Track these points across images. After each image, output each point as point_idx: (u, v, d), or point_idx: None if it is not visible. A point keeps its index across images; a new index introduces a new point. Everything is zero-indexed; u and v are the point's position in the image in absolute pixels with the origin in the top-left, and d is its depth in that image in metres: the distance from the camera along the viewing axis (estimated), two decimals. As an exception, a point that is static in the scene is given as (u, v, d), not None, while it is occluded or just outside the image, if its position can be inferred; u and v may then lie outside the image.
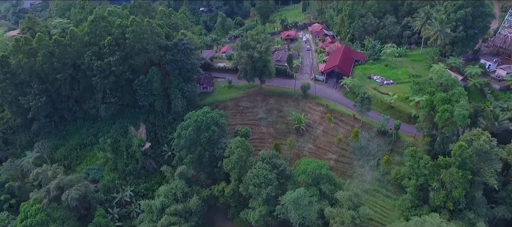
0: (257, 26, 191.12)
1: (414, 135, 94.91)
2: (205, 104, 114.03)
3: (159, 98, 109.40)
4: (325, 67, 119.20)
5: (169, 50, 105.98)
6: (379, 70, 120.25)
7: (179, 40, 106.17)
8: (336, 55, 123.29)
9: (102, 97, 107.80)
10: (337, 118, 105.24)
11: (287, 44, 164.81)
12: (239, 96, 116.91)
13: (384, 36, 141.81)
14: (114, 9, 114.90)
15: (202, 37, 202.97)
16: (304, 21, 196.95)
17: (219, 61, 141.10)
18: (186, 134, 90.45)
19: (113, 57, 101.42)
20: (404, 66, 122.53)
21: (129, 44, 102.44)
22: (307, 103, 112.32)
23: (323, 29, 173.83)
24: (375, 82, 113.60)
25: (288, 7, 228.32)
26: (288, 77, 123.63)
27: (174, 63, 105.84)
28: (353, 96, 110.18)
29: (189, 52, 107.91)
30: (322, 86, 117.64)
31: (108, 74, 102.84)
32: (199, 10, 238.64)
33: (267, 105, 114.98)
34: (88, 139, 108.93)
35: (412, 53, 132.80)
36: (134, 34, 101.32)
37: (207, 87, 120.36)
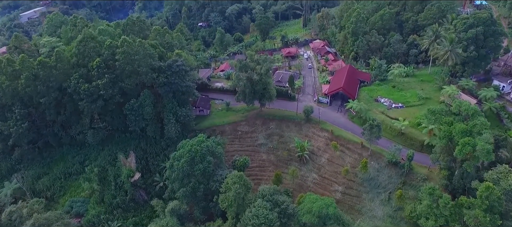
0: (256, 43, 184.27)
1: (428, 166, 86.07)
2: (201, 129, 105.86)
3: (152, 123, 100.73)
4: (329, 89, 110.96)
5: (162, 72, 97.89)
6: (386, 92, 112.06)
7: (173, 62, 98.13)
8: (340, 76, 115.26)
9: (90, 122, 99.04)
10: (344, 145, 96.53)
11: (288, 61, 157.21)
12: (237, 120, 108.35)
13: (390, 54, 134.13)
14: (105, 28, 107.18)
15: (200, 53, 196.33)
16: (305, 37, 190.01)
17: (217, 81, 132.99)
18: (179, 165, 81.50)
19: (101, 80, 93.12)
20: (412, 87, 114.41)
21: (119, 66, 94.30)
22: (310, 129, 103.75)
23: (325, 46, 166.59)
24: (382, 105, 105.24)
25: (288, 22, 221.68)
26: (290, 99, 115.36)
27: (168, 86, 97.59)
28: (359, 121, 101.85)
29: (184, 74, 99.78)
30: (326, 109, 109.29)
31: (96, 98, 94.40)
32: (197, 25, 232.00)
33: (268, 130, 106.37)
34: (74, 167, 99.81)
35: (420, 73, 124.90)
36: (125, 56, 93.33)
37: (203, 110, 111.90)
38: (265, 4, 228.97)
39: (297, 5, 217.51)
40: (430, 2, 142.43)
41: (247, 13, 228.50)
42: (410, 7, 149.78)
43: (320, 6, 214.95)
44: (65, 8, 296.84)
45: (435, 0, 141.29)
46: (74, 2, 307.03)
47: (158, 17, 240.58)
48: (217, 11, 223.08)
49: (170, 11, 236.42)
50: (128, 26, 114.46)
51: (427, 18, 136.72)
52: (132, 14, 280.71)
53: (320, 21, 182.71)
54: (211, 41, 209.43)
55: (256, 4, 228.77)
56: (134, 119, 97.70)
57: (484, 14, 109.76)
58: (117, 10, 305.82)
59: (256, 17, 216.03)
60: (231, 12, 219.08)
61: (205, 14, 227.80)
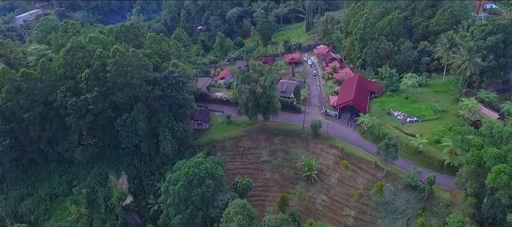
0: (258, 48, 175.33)
1: (451, 190, 77.29)
2: (200, 145, 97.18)
3: (146, 139, 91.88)
4: (338, 101, 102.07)
5: (157, 84, 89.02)
6: (399, 104, 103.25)
7: (170, 73, 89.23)
8: (349, 87, 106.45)
9: (79, 139, 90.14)
10: (355, 164, 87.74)
11: (291, 68, 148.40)
12: (239, 135, 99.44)
13: (400, 62, 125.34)
14: (96, 36, 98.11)
15: (199, 58, 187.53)
16: (308, 42, 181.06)
17: (217, 90, 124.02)
18: (175, 190, 72.74)
19: (91, 94, 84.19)
20: (426, 98, 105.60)
21: (110, 78, 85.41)
22: (318, 145, 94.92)
23: (330, 52, 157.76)
24: (396, 119, 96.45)
25: (291, 26, 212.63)
26: (295, 111, 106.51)
27: (163, 100, 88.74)
28: (371, 136, 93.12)
29: (181, 86, 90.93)
30: (334, 123, 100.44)
31: (85, 113, 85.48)
32: (196, 28, 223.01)
33: (272, 146, 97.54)
34: (61, 187, 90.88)
35: (433, 82, 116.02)
36: (117, 67, 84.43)
37: (202, 123, 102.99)
38: (266, 7, 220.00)
39: (300, 8, 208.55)
40: (442, 7, 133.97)
41: (248, 16, 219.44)
42: (420, 12, 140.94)
43: (323, 10, 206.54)
44: (61, 10, 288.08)
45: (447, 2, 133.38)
46: (71, 4, 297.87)
47: (156, 21, 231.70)
48: (217, 14, 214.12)
49: (169, 14, 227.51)
50: (122, 33, 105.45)
51: (439, 23, 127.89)
52: (129, 16, 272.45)
53: (324, 25, 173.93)
54: (210, 46, 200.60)
55: (257, 7, 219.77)
56: (127, 135, 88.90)
57: (504, 21, 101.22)
58: (115, 12, 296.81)
59: (257, 20, 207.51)
60: (231, 16, 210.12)
61: (204, 17, 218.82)
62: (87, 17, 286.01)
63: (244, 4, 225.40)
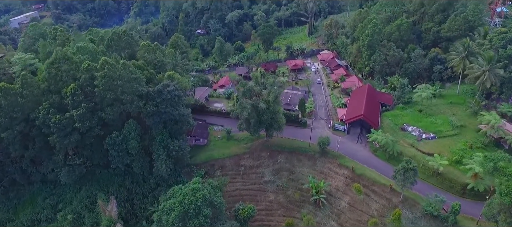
0: (259, 53, 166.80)
1: (477, 220, 68.89)
2: (198, 164, 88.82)
3: (138, 158, 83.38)
4: (347, 115, 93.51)
5: (151, 99, 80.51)
6: (412, 118, 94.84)
7: (164, 86, 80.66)
8: (358, 99, 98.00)
9: (64, 158, 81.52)
10: (368, 187, 79.28)
11: (294, 76, 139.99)
12: (240, 153, 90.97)
13: (411, 71, 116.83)
14: (85, 45, 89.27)
15: (198, 63, 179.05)
16: (312, 47, 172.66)
17: (216, 101, 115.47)
18: (169, 221, 64.25)
19: (77, 110, 75.57)
20: (441, 111, 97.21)
21: (99, 93, 76.86)
22: (326, 164, 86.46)
23: (335, 58, 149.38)
24: (411, 136, 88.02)
25: (292, 30, 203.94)
26: (300, 125, 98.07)
27: (157, 116, 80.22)
28: (384, 155, 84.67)
29: (177, 101, 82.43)
30: (343, 139, 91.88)
31: (70, 132, 76.91)
32: (195, 32, 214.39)
33: (275, 164, 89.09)
34: (44, 212, 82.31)
35: (447, 92, 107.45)
36: (106, 81, 75.83)
37: (200, 139, 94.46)
38: (267, 10, 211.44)
39: (302, 11, 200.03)
40: (454, 12, 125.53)
41: (248, 19, 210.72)
42: (430, 17, 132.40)
43: (326, 13, 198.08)
44: (57, 13, 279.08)
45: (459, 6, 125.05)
46: (67, 7, 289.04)
47: (154, 24, 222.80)
48: (217, 17, 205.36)
49: (167, 17, 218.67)
50: (113, 41, 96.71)
51: (451, 29, 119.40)
52: (127, 19, 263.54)
53: (328, 29, 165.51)
54: (210, 50, 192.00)
55: (258, 10, 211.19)
56: (117, 155, 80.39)
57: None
58: (112, 14, 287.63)
59: (258, 23, 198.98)
60: (231, 19, 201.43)
61: (203, 20, 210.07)
62: (84, 20, 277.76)
63: (244, 6, 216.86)
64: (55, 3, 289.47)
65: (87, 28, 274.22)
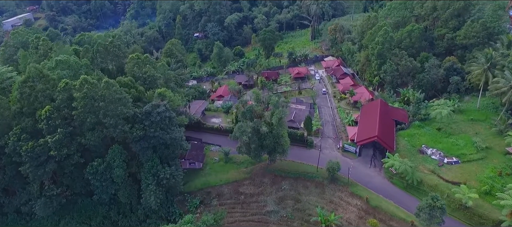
0: (260, 59, 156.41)
1: (515, 268, 58.79)
2: (192, 191, 78.57)
3: (125, 186, 73.29)
4: (359, 136, 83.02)
5: (138, 121, 70.21)
6: (431, 138, 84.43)
7: (153, 107, 70.25)
8: (370, 116, 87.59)
9: (40, 188, 71.20)
10: (385, 222, 68.95)
11: (297, 85, 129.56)
12: (239, 178, 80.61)
13: (425, 82, 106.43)
14: (64, 58, 78.37)
15: (195, 70, 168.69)
16: (315, 52, 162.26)
17: (214, 115, 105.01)
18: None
19: (53, 136, 65.27)
20: (462, 129, 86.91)
21: (77, 116, 66.52)
22: (336, 192, 76.17)
23: (340, 65, 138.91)
24: (431, 160, 77.62)
25: (294, 33, 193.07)
26: (306, 146, 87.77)
27: (145, 141, 69.90)
28: (402, 182, 74.38)
29: (169, 123, 72.12)
30: (354, 162, 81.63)
31: (45, 161, 66.66)
32: (193, 35, 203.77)
33: (279, 191, 78.82)
34: (18, 251, 72.34)
35: (466, 107, 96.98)
36: (85, 102, 65.49)
37: (195, 162, 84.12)
38: (268, 12, 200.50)
39: (304, 14, 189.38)
40: (471, 17, 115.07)
41: (249, 22, 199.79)
42: (443, 22, 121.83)
43: (330, 16, 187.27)
44: (51, 14, 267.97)
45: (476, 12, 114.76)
46: (62, 8, 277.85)
47: (150, 27, 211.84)
48: (215, 20, 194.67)
49: (163, 20, 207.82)
50: (99, 53, 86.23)
51: (468, 36, 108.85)
52: (123, 21, 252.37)
53: (332, 34, 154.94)
54: (208, 54, 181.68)
55: (258, 12, 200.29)
56: (100, 185, 70.27)
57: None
58: (108, 16, 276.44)
59: (258, 26, 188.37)
60: (230, 22, 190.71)
61: (201, 23, 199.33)
62: (79, 22, 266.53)
63: (244, 9, 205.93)
64: (50, 5, 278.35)
65: (83, 30, 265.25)
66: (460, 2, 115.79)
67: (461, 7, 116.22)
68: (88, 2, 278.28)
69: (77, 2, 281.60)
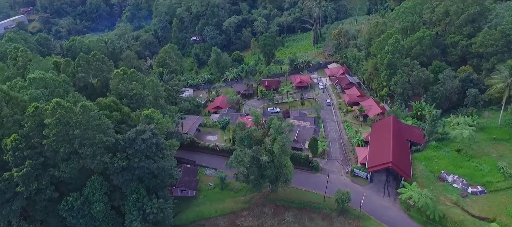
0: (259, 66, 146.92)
1: None
2: (183, 224, 68.97)
3: (107, 220, 63.79)
4: (370, 161, 73.31)
5: (120, 150, 60.70)
6: (450, 161, 74.89)
7: (138, 134, 60.62)
8: (382, 137, 77.90)
9: (8, 226, 61.80)
10: (403, 266, 59.72)
11: (300, 95, 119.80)
12: (236, 209, 70.99)
13: (440, 95, 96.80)
14: (40, 76, 68.34)
15: (192, 76, 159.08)
16: (318, 58, 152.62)
17: (209, 132, 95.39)
18: None
19: (19, 170, 55.73)
20: (484, 151, 77.39)
21: (48, 146, 56.97)
22: (346, 226, 66.81)
23: (345, 74, 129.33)
24: (452, 189, 68.18)
25: (296, 37, 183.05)
26: (311, 169, 78.28)
27: (129, 173, 60.39)
28: (420, 215, 64.81)
29: (156, 150, 62.60)
30: (365, 189, 72.17)
31: (11, 198, 57.21)
32: (190, 39, 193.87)
33: (281, 224, 69.19)
34: None
35: (487, 123, 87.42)
36: (58, 130, 55.94)
37: (187, 190, 74.61)
38: (268, 15, 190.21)
39: (306, 17, 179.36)
40: (488, 23, 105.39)
41: (248, 25, 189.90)
42: (457, 28, 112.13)
43: (333, 18, 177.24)
44: (45, 17, 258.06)
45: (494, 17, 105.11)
46: (56, 10, 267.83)
47: (145, 30, 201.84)
48: (213, 23, 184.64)
49: (159, 23, 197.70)
50: (80, 67, 76.53)
51: (485, 45, 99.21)
52: (118, 23, 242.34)
53: (336, 39, 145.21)
54: (206, 59, 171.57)
55: (258, 15, 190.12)
56: (77, 222, 60.77)
57: None
58: (104, 18, 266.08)
59: (257, 29, 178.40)
60: (229, 26, 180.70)
61: (199, 27, 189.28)
62: (74, 25, 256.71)
63: (243, 11, 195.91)
64: (44, 6, 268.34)
65: (77, 33, 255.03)
66: (475, 7, 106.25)
67: (477, 12, 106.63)
68: (83, 4, 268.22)
69: (72, 4, 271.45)
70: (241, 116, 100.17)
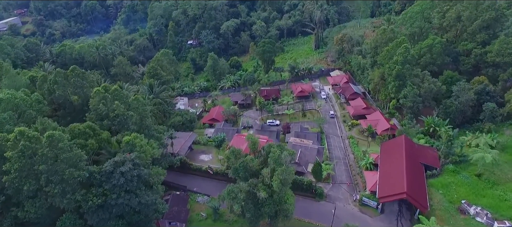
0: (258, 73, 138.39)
1: None
2: (171, 264, 60.07)
3: (84, 263, 55.34)
4: (381, 189, 64.52)
5: (96, 184, 52.12)
6: (471, 189, 66.08)
7: (116, 166, 52.00)
8: (394, 161, 69.10)
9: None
10: None
11: (301, 106, 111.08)
12: (231, 245, 62.82)
13: (454, 109, 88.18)
14: (9, 96, 59.09)
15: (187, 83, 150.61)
16: (319, 64, 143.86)
17: (203, 150, 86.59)
18: None
19: (-25, 211, 47.36)
20: (508, 176, 68.57)
21: (10, 183, 48.38)
22: (355, 267, 58.31)
23: (349, 82, 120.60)
24: (476, 223, 59.57)
25: (296, 40, 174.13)
26: (314, 196, 69.73)
27: (106, 211, 51.83)
28: (440, 255, 56.42)
29: (138, 182, 54.03)
30: (376, 221, 63.65)
31: (-33, 245, 48.82)
32: (186, 43, 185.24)
33: (282, 262, 60.91)
34: None
35: (507, 142, 78.47)
36: (22, 164, 47.37)
37: (176, 222, 66.01)
38: (267, 18, 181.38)
39: (307, 20, 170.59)
40: (505, 30, 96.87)
41: (246, 28, 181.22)
42: (470, 35, 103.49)
43: (335, 21, 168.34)
44: (39, 19, 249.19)
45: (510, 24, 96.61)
46: (50, 12, 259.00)
47: (140, 34, 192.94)
48: (210, 27, 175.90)
49: (154, 26, 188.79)
50: (57, 85, 67.73)
51: (502, 54, 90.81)
52: (113, 26, 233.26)
53: (339, 45, 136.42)
54: (202, 64, 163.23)
55: (257, 18, 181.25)
56: (47, 268, 52.25)
57: None
58: (100, 20, 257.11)
59: (256, 33, 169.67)
60: (226, 29, 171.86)
61: (195, 30, 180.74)
62: (68, 27, 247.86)
63: (242, 14, 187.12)
64: (37, 8, 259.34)
65: (72, 35, 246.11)
66: (490, 12, 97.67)
67: (492, 18, 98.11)
68: (78, 5, 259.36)
69: (66, 5, 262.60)
70: (238, 132, 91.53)
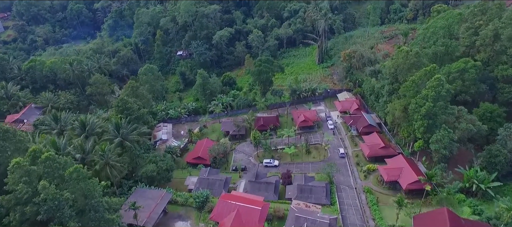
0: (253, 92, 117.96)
1: None
2: None
3: None
4: None
5: None
6: None
7: None
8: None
9: None
10: None
11: (305, 139, 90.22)
12: None
13: (502, 159, 67.57)
14: None
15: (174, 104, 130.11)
16: (324, 83, 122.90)
17: (180, 214, 65.37)
18: None
19: None
20: None
21: None
22: None
23: (360, 109, 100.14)
24: None
25: (297, 51, 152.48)
26: None
27: None
28: None
29: None
30: None
31: None
32: (175, 54, 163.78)
33: None
34: None
35: None
36: None
37: None
38: (265, 26, 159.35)
39: (309, 31, 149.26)
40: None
41: (242, 37, 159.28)
42: (510, 58, 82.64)
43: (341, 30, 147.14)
44: (21, 24, 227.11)
45: None
46: (33, 17, 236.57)
47: (124, 44, 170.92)
48: (202, 37, 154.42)
49: (140, 36, 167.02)
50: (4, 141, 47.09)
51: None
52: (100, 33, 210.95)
53: (347, 61, 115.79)
54: (192, 79, 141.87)
55: (254, 25, 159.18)
56: None
57: None
58: (87, 25, 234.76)
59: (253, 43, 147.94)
60: (220, 39, 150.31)
61: (185, 40, 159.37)
62: (52, 33, 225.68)
63: (237, 21, 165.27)
64: (20, 13, 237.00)
65: (56, 42, 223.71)
66: (539, 31, 76.80)
67: (540, 38, 77.31)
68: (64, 9, 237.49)
69: (51, 10, 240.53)
70: (226, 186, 71.09)
